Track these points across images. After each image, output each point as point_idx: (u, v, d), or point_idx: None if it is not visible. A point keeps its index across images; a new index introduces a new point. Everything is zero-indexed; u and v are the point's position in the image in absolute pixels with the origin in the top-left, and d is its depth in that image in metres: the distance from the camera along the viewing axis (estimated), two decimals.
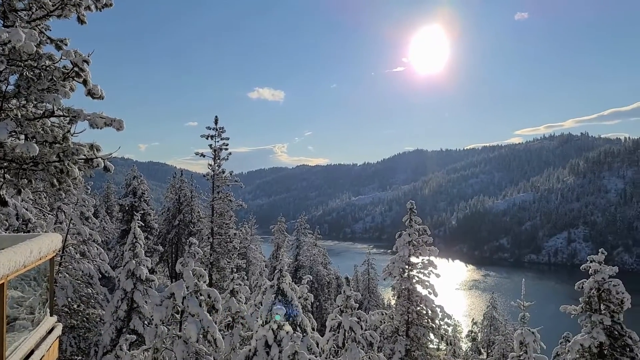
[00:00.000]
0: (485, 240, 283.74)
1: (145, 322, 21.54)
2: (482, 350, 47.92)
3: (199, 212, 51.77)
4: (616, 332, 21.29)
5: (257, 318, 21.42)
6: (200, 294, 17.65)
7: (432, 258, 26.58)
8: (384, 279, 28.55)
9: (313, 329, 24.22)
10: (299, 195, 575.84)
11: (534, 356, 17.82)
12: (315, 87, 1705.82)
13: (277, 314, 18.84)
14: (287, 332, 20.22)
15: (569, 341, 23.78)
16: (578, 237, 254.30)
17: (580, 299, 21.97)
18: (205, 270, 22.27)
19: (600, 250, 22.46)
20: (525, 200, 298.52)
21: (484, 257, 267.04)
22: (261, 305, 22.12)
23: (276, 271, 23.33)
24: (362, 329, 20.52)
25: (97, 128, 9.88)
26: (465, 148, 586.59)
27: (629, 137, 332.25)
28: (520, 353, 18.08)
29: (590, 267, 21.85)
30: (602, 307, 21.36)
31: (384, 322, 26.80)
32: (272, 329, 19.53)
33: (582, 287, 21.91)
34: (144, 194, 51.16)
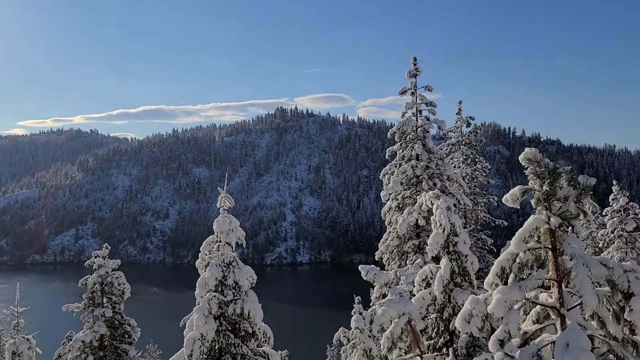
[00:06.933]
0: None
1: None
2: None
3: None
4: (117, 322, 22.34)
5: None
6: None
7: None
8: None
9: None
10: None
11: None
12: None
13: None
14: None
15: (72, 340, 23.34)
16: (86, 234, 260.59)
17: (83, 296, 21.97)
18: None
19: (104, 245, 23.02)
20: (29, 198, 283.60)
21: None
22: None
23: None
24: None
25: None
26: None
27: (135, 138, 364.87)
28: None
29: (94, 263, 22.19)
30: (105, 300, 22.05)
31: None
32: None
33: (86, 283, 22.05)
34: None
